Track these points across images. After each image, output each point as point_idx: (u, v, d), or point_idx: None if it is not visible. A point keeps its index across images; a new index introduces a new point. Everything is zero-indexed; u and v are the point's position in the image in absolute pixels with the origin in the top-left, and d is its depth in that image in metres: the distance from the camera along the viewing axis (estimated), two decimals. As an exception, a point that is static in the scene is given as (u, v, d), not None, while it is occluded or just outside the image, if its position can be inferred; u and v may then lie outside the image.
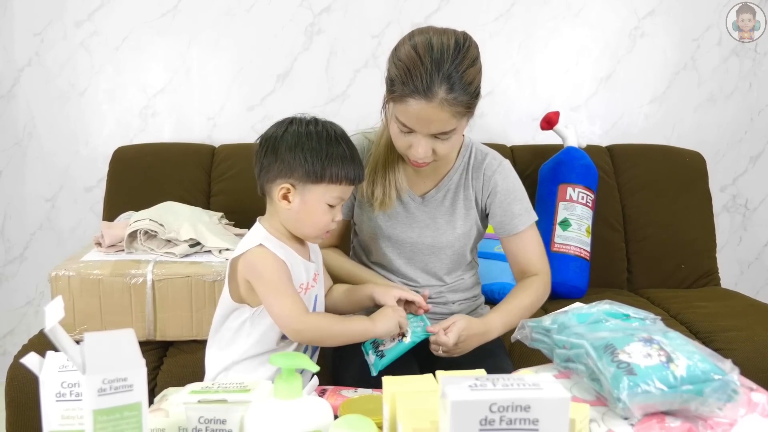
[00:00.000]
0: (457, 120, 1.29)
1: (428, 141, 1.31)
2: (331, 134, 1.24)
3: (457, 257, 1.55)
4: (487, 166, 1.50)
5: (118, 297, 1.66)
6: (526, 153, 2.41)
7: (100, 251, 1.78)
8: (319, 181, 1.22)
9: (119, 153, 2.36)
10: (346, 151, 1.23)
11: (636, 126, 2.70)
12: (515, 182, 1.53)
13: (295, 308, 1.21)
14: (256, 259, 1.23)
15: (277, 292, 1.22)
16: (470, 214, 1.52)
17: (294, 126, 1.25)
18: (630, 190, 2.40)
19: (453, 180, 1.51)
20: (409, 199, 1.51)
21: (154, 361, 1.71)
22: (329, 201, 1.24)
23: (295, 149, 1.21)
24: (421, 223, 1.52)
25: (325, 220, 1.26)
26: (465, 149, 1.52)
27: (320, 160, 1.20)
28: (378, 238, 1.54)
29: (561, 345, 1.00)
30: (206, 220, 1.90)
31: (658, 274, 2.33)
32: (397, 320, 1.30)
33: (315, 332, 1.25)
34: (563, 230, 2.14)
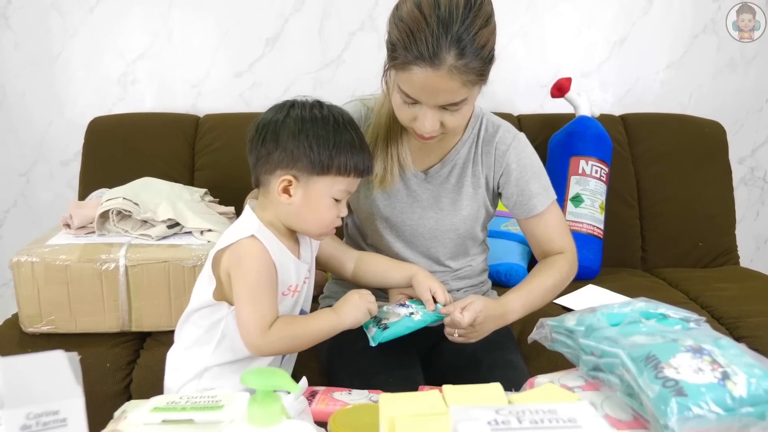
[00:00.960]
0: (468, 89, 1.13)
1: (435, 113, 1.16)
2: (339, 120, 1.11)
3: (462, 241, 1.40)
4: (499, 141, 1.35)
5: (88, 284, 1.51)
6: (534, 123, 2.26)
7: (69, 233, 1.62)
8: (326, 172, 1.09)
9: (95, 124, 2.21)
10: (355, 139, 1.11)
11: (651, 93, 2.54)
12: (532, 158, 1.37)
13: (262, 321, 1.08)
14: (245, 251, 1.09)
15: (252, 298, 1.08)
16: (478, 193, 1.37)
17: (296, 110, 1.11)
18: (645, 162, 2.25)
19: (461, 154, 1.36)
20: (412, 175, 1.36)
21: (129, 354, 1.57)
22: (335, 195, 1.12)
23: (299, 136, 1.08)
24: (423, 203, 1.37)
25: (331, 215, 1.14)
26: (475, 120, 1.36)
27: (327, 149, 1.08)
28: (374, 219, 1.39)
29: (588, 351, 0.85)
30: (187, 198, 1.74)
31: (675, 253, 2.20)
32: (365, 308, 1.16)
33: (277, 346, 1.12)
34: (575, 206, 1.98)
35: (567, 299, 1.82)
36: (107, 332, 1.57)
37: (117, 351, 1.56)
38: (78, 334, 1.56)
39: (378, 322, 1.22)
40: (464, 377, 1.30)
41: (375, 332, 1.20)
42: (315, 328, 1.14)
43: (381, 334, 1.19)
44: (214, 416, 0.80)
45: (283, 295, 1.15)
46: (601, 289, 1.88)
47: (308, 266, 1.22)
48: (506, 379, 1.23)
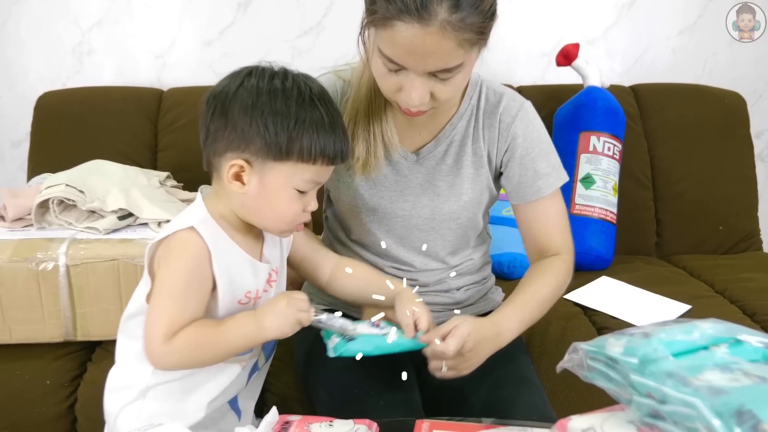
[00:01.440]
0: (465, 51, 0.92)
1: (424, 81, 0.95)
2: (305, 92, 0.89)
3: (464, 231, 1.19)
4: (504, 111, 1.13)
5: (23, 288, 1.29)
6: (536, 95, 2.00)
7: (3, 227, 1.40)
8: (285, 157, 0.89)
9: (45, 100, 2.00)
10: (324, 117, 0.90)
11: (662, 62, 2.33)
12: (540, 131, 1.15)
13: (169, 327, 0.87)
14: (176, 244, 0.90)
15: (167, 298, 0.88)
16: (480, 174, 1.15)
17: (253, 79, 0.90)
18: (659, 138, 2.04)
19: (458, 129, 1.14)
20: (401, 157, 1.14)
21: (74, 368, 1.36)
22: (298, 185, 0.91)
23: (252, 112, 0.87)
24: (416, 189, 1.15)
25: (293, 210, 0.93)
26: (473, 88, 1.14)
27: (286, 129, 0.87)
28: (359, 212, 1.17)
29: (644, 391, 0.64)
30: (143, 183, 1.51)
31: (692, 238, 2.00)
32: (293, 318, 0.90)
33: (178, 358, 0.89)
34: (586, 188, 1.78)
35: (578, 294, 1.62)
36: (49, 342, 1.35)
37: (59, 364, 1.34)
38: (14, 346, 1.34)
39: (342, 333, 0.99)
40: (470, 397, 1.09)
41: (338, 342, 0.97)
42: (227, 337, 0.89)
43: (344, 345, 0.96)
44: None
45: (240, 304, 0.94)
46: (616, 281, 1.68)
47: (273, 268, 1.00)
48: (520, 401, 1.04)
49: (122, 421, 0.98)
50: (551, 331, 1.45)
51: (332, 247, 1.26)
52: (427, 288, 1.20)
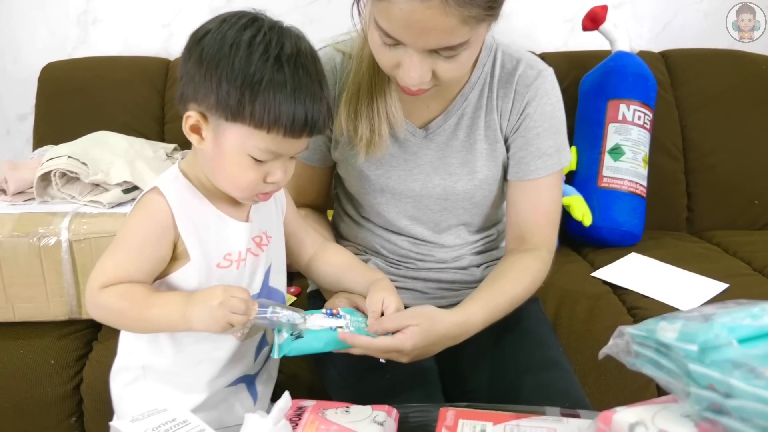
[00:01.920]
0: (471, 28, 0.83)
1: (425, 59, 0.86)
2: (271, 52, 0.78)
3: (480, 210, 1.11)
4: (520, 79, 1.03)
5: (25, 264, 1.24)
6: (560, 61, 1.93)
7: (4, 201, 1.35)
8: (235, 119, 0.79)
9: (49, 71, 1.94)
10: (288, 81, 0.78)
11: (693, 27, 2.21)
12: (556, 105, 1.05)
13: (100, 277, 0.83)
14: (137, 206, 0.86)
15: (111, 249, 0.85)
16: (496, 149, 1.06)
17: (225, 26, 0.80)
18: (691, 107, 1.93)
19: (470, 100, 1.04)
20: (408, 133, 1.06)
21: (80, 347, 1.31)
22: (252, 153, 0.81)
23: (209, 65, 0.78)
24: (426, 167, 1.06)
25: (249, 178, 0.83)
26: (486, 54, 1.04)
27: (238, 89, 0.77)
28: (367, 193, 1.09)
29: (704, 383, 0.56)
30: (149, 156, 1.45)
31: (726, 213, 1.90)
32: (223, 320, 0.80)
33: (101, 314, 0.86)
34: (614, 160, 1.68)
35: (607, 271, 1.54)
36: (53, 321, 1.30)
37: (64, 344, 1.29)
38: (17, 324, 1.30)
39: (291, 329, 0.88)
40: (494, 382, 1.02)
41: (285, 340, 0.85)
42: (150, 314, 0.82)
43: (290, 345, 0.85)
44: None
45: (220, 267, 0.87)
46: (646, 258, 1.60)
47: (264, 231, 0.92)
48: (551, 386, 0.96)
49: (126, 404, 0.93)
50: (579, 311, 1.38)
51: (343, 225, 1.19)
52: (446, 264, 1.13)
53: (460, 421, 0.78)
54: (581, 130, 1.77)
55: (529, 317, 1.10)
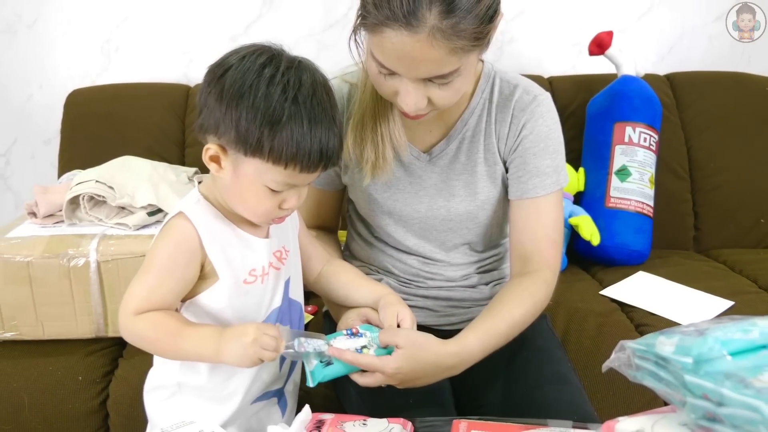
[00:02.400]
0: (459, 57, 0.88)
1: (418, 87, 0.92)
2: (291, 87, 0.81)
3: (484, 230, 1.15)
4: (517, 103, 1.07)
5: (55, 284, 1.30)
6: (568, 85, 2.00)
7: (35, 223, 1.40)
8: (255, 155, 0.83)
9: (75, 97, 2.01)
10: (304, 124, 0.81)
11: (698, 50, 2.25)
12: (552, 127, 1.08)
13: (136, 303, 0.87)
14: (163, 231, 0.90)
15: (141, 274, 0.88)
16: (495, 171, 1.10)
17: (245, 62, 0.83)
18: (696, 128, 1.98)
19: (469, 125, 1.09)
20: (412, 157, 1.10)
21: (106, 364, 1.36)
22: (269, 184, 0.85)
23: (230, 101, 0.81)
24: (430, 189, 1.11)
25: (265, 207, 0.87)
26: (485, 80, 1.09)
27: (258, 126, 0.80)
28: (376, 214, 1.14)
29: (699, 393, 0.60)
30: (172, 179, 1.50)
31: (732, 231, 1.93)
32: (255, 357, 0.84)
33: (135, 340, 0.90)
34: (621, 181, 1.73)
35: (614, 289, 1.58)
36: (80, 338, 1.35)
37: (91, 360, 1.34)
38: (46, 341, 1.35)
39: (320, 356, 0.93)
40: (505, 398, 1.06)
41: (315, 366, 0.91)
42: (184, 345, 0.86)
43: (322, 372, 0.91)
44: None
45: (247, 283, 0.91)
46: (654, 276, 1.63)
47: (283, 245, 0.97)
48: (561, 400, 1.00)
49: (160, 417, 0.97)
50: (587, 328, 1.41)
51: (355, 245, 1.24)
52: (454, 283, 1.17)
53: (472, 431, 0.82)
54: (589, 152, 1.81)
55: (537, 334, 1.14)
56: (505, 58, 2.18)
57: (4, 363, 1.32)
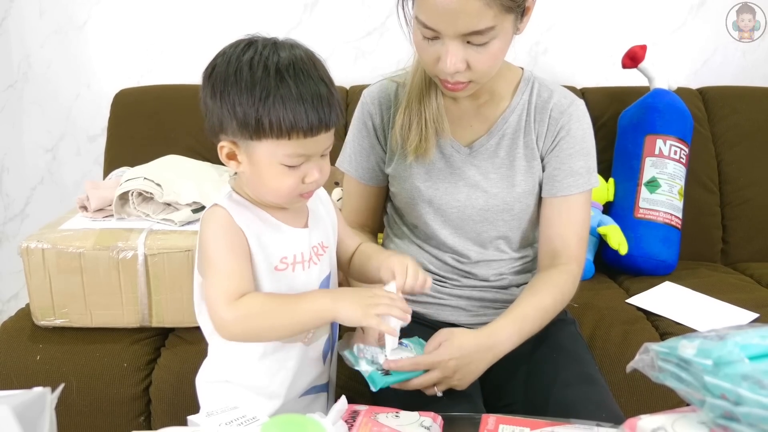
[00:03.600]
0: (495, 13, 0.97)
1: (458, 46, 0.99)
2: (270, 65, 0.84)
3: (519, 224, 1.20)
4: (555, 106, 1.16)
5: (104, 275, 1.36)
6: (600, 97, 2.02)
7: (86, 216, 1.48)
8: (260, 136, 0.85)
9: (121, 97, 2.07)
10: (292, 89, 0.84)
11: (731, 64, 2.26)
12: (587, 131, 1.17)
13: (227, 291, 0.88)
14: (204, 224, 0.92)
15: (213, 268, 0.90)
16: (533, 166, 1.17)
17: (226, 55, 0.88)
18: (727, 142, 2.00)
19: (510, 123, 1.17)
20: (453, 150, 1.18)
21: (149, 352, 1.42)
22: (284, 161, 0.87)
23: (222, 94, 0.86)
24: (470, 180, 1.18)
25: (287, 185, 0.89)
26: (525, 84, 1.19)
27: (252, 106, 0.84)
28: (416, 203, 1.20)
29: (718, 393, 0.64)
30: (215, 178, 1.57)
31: (760, 245, 1.95)
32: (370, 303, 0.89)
33: (247, 324, 0.89)
34: (650, 193, 1.75)
35: (641, 298, 1.61)
36: (126, 327, 1.42)
37: (136, 348, 1.41)
38: (94, 329, 1.42)
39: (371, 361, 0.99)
40: (531, 395, 1.10)
41: (372, 372, 0.97)
42: (300, 309, 0.89)
43: (382, 379, 0.96)
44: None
45: (278, 270, 0.94)
46: (680, 287, 1.66)
47: (320, 242, 1.00)
48: (587, 398, 1.04)
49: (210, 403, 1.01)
50: (613, 335, 1.45)
51: (392, 244, 1.28)
52: (488, 283, 1.22)
53: (501, 425, 0.86)
54: (619, 163, 1.84)
55: (566, 337, 1.19)
56: (538, 69, 2.20)
57: (55, 348, 1.39)
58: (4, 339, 1.42)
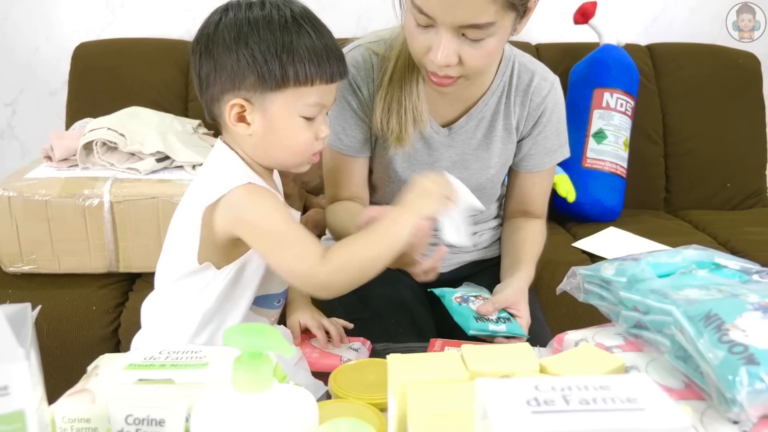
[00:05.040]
0: (497, 9, 0.91)
1: (452, 39, 0.94)
2: (285, 15, 0.84)
3: (487, 197, 1.26)
4: (535, 90, 1.15)
5: (71, 221, 1.40)
6: (553, 52, 2.09)
7: (50, 166, 1.50)
8: (282, 85, 0.84)
9: (81, 50, 2.07)
10: (312, 35, 0.84)
11: (679, 22, 2.36)
12: (562, 111, 1.20)
13: (312, 251, 0.86)
14: (248, 203, 0.86)
15: (284, 242, 0.87)
16: (508, 148, 1.20)
17: (230, 13, 0.85)
18: (672, 96, 2.10)
19: (489, 106, 1.16)
20: (432, 131, 1.17)
21: (117, 297, 1.48)
22: (303, 111, 0.86)
23: (237, 46, 0.83)
24: (445, 162, 1.19)
25: (304, 139, 0.88)
26: (505, 64, 1.15)
27: (276, 56, 0.82)
28: (390, 182, 1.21)
29: (630, 305, 0.73)
30: (178, 129, 1.61)
31: (700, 194, 2.07)
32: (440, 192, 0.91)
33: (345, 274, 0.87)
34: (597, 143, 1.84)
35: (586, 242, 1.71)
36: (94, 273, 1.47)
37: (104, 293, 1.46)
38: (62, 275, 1.46)
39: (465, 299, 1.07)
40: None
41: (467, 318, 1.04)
42: (383, 235, 0.87)
43: (475, 324, 1.03)
44: (196, 376, 0.69)
45: None
46: (623, 231, 1.76)
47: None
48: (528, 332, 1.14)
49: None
50: (558, 274, 1.50)
51: None
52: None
53: (446, 347, 0.95)
54: (569, 116, 1.88)
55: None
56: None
57: (24, 293, 1.43)
58: (-27, 285, 1.45)
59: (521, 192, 1.25)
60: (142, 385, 0.68)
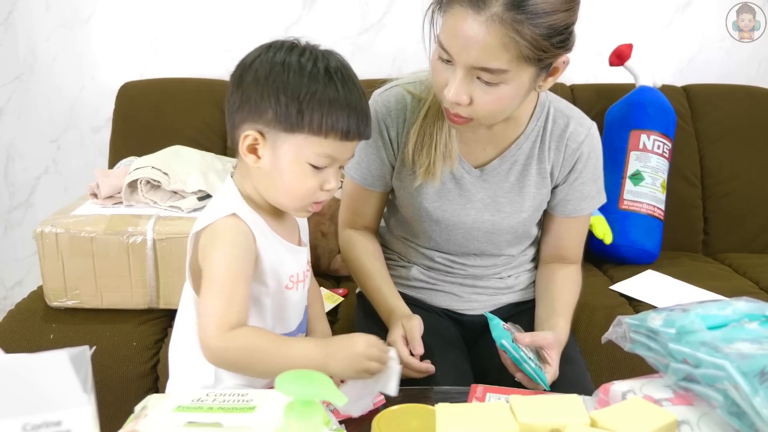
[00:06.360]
0: (511, 58, 0.93)
1: (466, 78, 0.97)
2: (319, 66, 0.87)
3: (519, 240, 1.27)
4: (571, 136, 1.16)
5: (114, 258, 1.43)
6: (588, 93, 2.10)
7: (96, 203, 1.54)
8: (295, 129, 0.87)
9: (126, 89, 2.13)
10: (340, 91, 0.87)
11: (715, 63, 2.35)
12: (599, 157, 1.21)
13: (225, 319, 0.85)
14: (222, 231, 0.89)
15: (219, 288, 0.87)
16: (542, 193, 1.20)
17: (271, 52, 0.89)
18: (710, 138, 2.08)
19: (523, 149, 1.17)
20: (464, 171, 1.18)
21: (157, 332, 1.50)
22: (311, 159, 0.88)
23: (265, 83, 0.87)
24: (478, 203, 1.20)
25: (307, 186, 0.90)
26: (540, 109, 1.17)
27: (296, 100, 0.85)
28: (422, 221, 1.22)
29: (680, 358, 0.72)
30: (219, 168, 1.64)
31: (740, 237, 2.04)
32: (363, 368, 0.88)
33: (233, 356, 0.87)
34: (634, 185, 1.83)
35: (624, 285, 1.69)
36: (134, 309, 1.49)
37: (144, 329, 1.48)
38: (104, 310, 1.49)
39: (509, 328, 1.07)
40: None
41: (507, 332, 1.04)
42: (289, 355, 0.87)
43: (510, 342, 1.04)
44: (244, 420, 0.70)
45: (287, 289, 0.97)
46: (661, 274, 1.74)
47: (308, 252, 1.04)
48: (564, 377, 1.12)
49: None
50: (596, 318, 1.53)
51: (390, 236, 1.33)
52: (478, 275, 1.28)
53: (488, 394, 0.95)
54: (605, 157, 1.90)
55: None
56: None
57: (68, 327, 1.46)
58: (19, 319, 1.49)
59: (557, 237, 1.26)
60: (191, 428, 0.70)
